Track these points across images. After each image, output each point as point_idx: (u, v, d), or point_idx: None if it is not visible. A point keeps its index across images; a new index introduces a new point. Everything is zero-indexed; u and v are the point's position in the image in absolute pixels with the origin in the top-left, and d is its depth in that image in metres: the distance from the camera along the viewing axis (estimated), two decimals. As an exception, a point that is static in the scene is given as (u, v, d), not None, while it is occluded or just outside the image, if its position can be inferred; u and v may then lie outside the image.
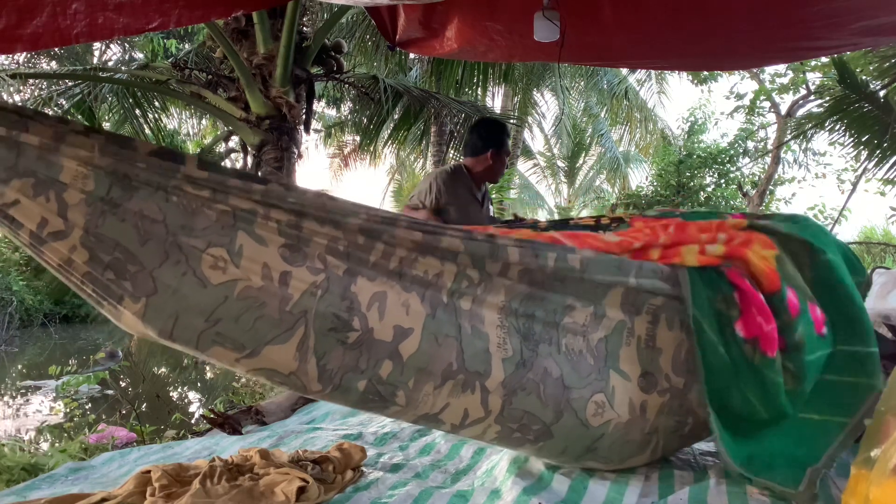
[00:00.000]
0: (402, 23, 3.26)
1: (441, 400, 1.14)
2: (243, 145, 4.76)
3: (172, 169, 1.01)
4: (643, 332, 1.27)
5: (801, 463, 1.18)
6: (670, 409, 1.29)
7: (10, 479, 2.19)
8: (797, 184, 11.85)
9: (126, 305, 1.01)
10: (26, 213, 0.97)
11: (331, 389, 1.09)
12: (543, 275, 1.18)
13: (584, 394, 1.22)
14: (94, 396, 6.33)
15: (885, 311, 2.04)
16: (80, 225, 0.98)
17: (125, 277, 1.00)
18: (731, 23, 2.56)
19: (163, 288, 1.01)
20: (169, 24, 1.84)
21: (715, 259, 1.27)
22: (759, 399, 1.24)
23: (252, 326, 1.04)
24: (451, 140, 7.77)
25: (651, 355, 1.29)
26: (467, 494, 1.28)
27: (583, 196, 17.69)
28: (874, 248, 9.70)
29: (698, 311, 1.24)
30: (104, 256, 0.99)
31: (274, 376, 1.08)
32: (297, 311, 1.05)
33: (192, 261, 1.02)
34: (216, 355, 1.06)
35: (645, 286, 1.24)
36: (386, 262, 1.10)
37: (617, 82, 11.22)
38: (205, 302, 1.02)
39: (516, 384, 1.18)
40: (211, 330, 1.03)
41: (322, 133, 14.83)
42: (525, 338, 1.19)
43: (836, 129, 6.10)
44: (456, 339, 1.13)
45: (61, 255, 1.00)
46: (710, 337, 1.24)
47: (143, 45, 9.99)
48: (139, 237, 1.00)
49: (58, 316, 14.69)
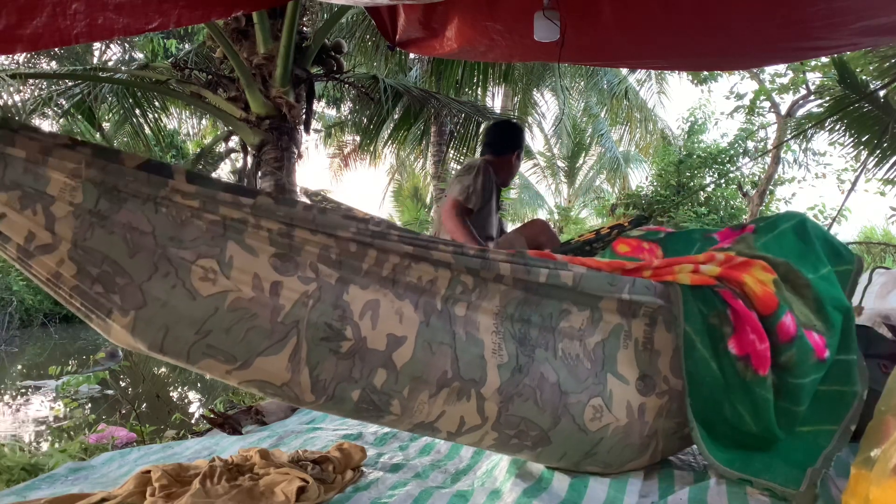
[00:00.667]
0: (402, 23, 3.26)
1: (436, 408, 1.14)
2: (243, 145, 4.76)
3: (160, 183, 1.00)
4: (640, 335, 1.27)
5: (799, 463, 1.18)
6: (669, 411, 1.29)
7: (10, 479, 2.19)
8: (797, 184, 11.87)
9: (115, 319, 1.00)
10: (13, 226, 0.96)
11: (324, 400, 1.08)
12: (537, 285, 1.18)
13: (581, 398, 1.22)
14: (94, 396, 6.33)
15: (885, 311, 2.04)
16: (68, 238, 0.97)
17: (114, 290, 0.99)
18: (731, 23, 2.56)
19: (152, 301, 0.99)
20: (169, 24, 1.84)
21: (709, 279, 1.28)
22: (751, 414, 1.25)
23: (243, 338, 1.03)
24: (451, 140, 7.77)
25: (649, 358, 1.29)
26: (467, 494, 1.28)
27: (583, 196, 17.69)
28: (874, 248, 9.70)
29: (690, 326, 1.24)
30: (92, 269, 0.98)
31: (266, 388, 1.07)
32: (288, 322, 1.04)
33: (182, 273, 1.01)
34: (207, 367, 1.04)
35: (638, 301, 1.24)
36: (379, 269, 1.10)
37: (617, 82, 11.22)
38: (195, 314, 1.01)
39: (512, 390, 1.17)
40: (202, 342, 1.02)
41: (322, 133, 14.83)
42: (521, 343, 1.18)
43: (836, 129, 6.10)
44: (450, 347, 1.12)
45: (49, 268, 0.98)
46: (701, 353, 1.24)
47: (143, 45, 9.99)
48: (128, 250, 0.99)
49: (58, 316, 14.69)
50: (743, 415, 1.25)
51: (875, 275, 2.25)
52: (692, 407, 1.25)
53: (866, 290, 2.18)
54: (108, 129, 6.57)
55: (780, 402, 1.25)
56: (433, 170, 10.06)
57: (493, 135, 3.09)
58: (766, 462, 1.24)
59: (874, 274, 2.25)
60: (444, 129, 8.57)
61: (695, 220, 10.78)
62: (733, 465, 1.22)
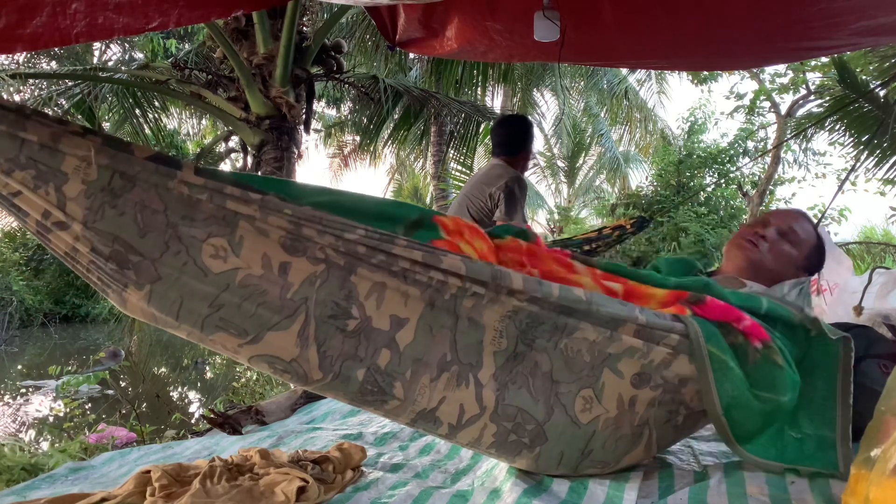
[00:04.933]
0: (402, 23, 3.26)
1: (437, 394, 1.14)
2: (243, 145, 4.76)
3: (169, 174, 1.01)
4: (659, 360, 1.23)
5: (828, 442, 1.24)
6: (661, 401, 1.28)
7: (10, 479, 2.20)
8: (797, 184, 11.86)
9: (131, 291, 1.03)
10: (29, 203, 0.99)
11: (331, 378, 1.10)
12: (549, 304, 1.17)
13: (571, 388, 1.22)
14: (94, 396, 6.34)
15: (885, 311, 2.04)
16: (79, 219, 0.99)
17: (128, 266, 1.02)
18: (732, 23, 2.57)
19: (165, 276, 1.02)
20: (169, 24, 1.84)
21: (681, 308, 1.31)
22: (770, 389, 1.25)
23: (254, 313, 1.05)
24: (451, 140, 7.77)
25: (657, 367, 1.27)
26: (467, 494, 1.28)
27: (583, 196, 17.70)
28: (874, 248, 9.70)
29: (713, 345, 1.23)
30: (104, 248, 1.01)
31: (276, 363, 1.09)
32: (297, 299, 1.06)
33: (193, 251, 1.03)
34: (220, 340, 1.07)
35: (653, 324, 1.22)
36: (388, 266, 1.10)
37: (617, 82, 11.23)
38: (207, 290, 1.04)
39: (506, 377, 1.18)
40: (215, 315, 1.05)
41: (322, 133, 14.85)
42: (523, 333, 1.18)
43: (836, 129, 6.11)
44: (450, 330, 1.14)
45: (66, 243, 1.01)
46: (719, 357, 1.24)
47: (143, 45, 10.00)
48: (138, 230, 1.01)
49: (58, 316, 14.71)
50: (765, 396, 1.25)
51: (875, 275, 2.25)
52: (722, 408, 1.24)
53: (866, 290, 2.18)
54: (108, 129, 6.58)
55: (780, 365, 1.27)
56: (433, 170, 10.07)
57: (506, 135, 3.07)
58: (798, 446, 1.27)
59: (874, 274, 2.25)
60: (444, 129, 8.56)
61: (695, 220, 10.80)
62: (767, 455, 1.26)
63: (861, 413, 1.25)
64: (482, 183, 2.99)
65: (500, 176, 2.94)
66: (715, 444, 1.55)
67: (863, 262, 8.38)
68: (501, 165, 3.02)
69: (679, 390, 1.27)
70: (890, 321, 1.97)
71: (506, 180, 2.91)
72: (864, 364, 1.50)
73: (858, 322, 2.00)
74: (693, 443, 1.57)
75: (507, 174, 2.94)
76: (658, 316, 1.25)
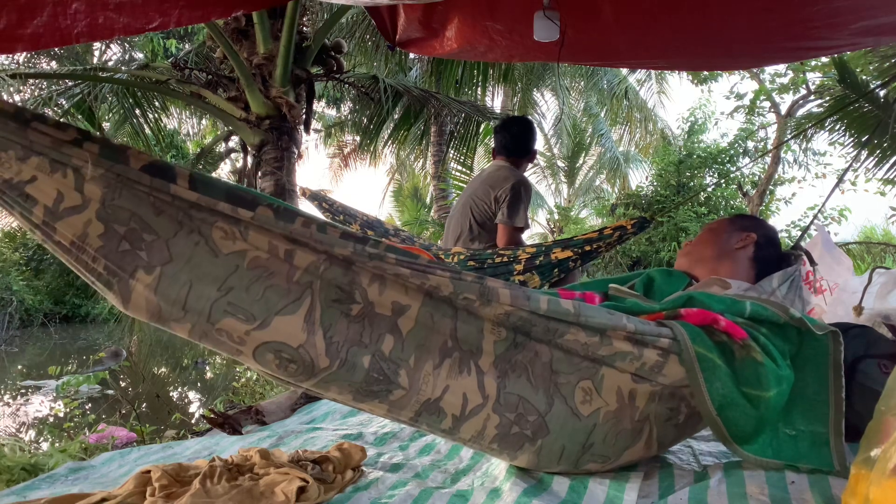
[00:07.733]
0: (402, 23, 3.27)
1: (441, 381, 1.15)
2: (243, 145, 4.76)
3: (163, 186, 1.03)
4: (651, 362, 1.24)
5: (821, 438, 1.25)
6: (661, 396, 1.28)
7: (10, 479, 2.20)
8: (797, 184, 11.84)
9: (139, 278, 1.03)
10: (42, 189, 1.00)
11: (338, 365, 1.10)
12: (538, 315, 1.18)
13: (570, 379, 1.22)
14: (94, 396, 6.34)
15: (885, 311, 2.04)
16: (97, 198, 1.01)
17: (141, 247, 1.03)
18: (732, 22, 2.57)
19: (177, 256, 1.04)
20: (169, 24, 1.84)
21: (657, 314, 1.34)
22: (755, 386, 1.25)
23: (262, 296, 1.07)
24: (451, 140, 7.77)
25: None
26: (467, 494, 1.28)
27: (583, 196, 17.69)
28: (874, 248, 9.71)
29: (700, 346, 1.25)
30: (119, 228, 1.02)
31: (284, 351, 1.09)
32: (303, 282, 1.08)
33: (204, 230, 1.05)
34: (227, 328, 1.07)
35: (642, 330, 1.24)
36: (383, 270, 1.12)
37: (617, 82, 11.24)
38: (217, 271, 1.05)
39: (507, 366, 1.19)
40: (223, 299, 1.05)
41: (322, 133, 14.86)
42: (519, 329, 1.19)
43: (836, 129, 6.11)
44: (452, 319, 1.16)
45: (76, 229, 1.02)
46: (706, 357, 1.25)
47: (143, 45, 10.01)
48: (154, 209, 1.03)
49: (58, 316, 14.72)
50: (751, 393, 1.26)
51: (875, 275, 2.24)
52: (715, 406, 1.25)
53: (866, 290, 2.18)
54: (108, 129, 6.58)
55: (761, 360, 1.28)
56: (433, 170, 10.08)
57: (511, 137, 3.07)
58: (792, 443, 1.28)
59: (874, 274, 2.25)
60: (444, 129, 8.57)
61: (695, 221, 10.79)
62: (765, 453, 1.27)
63: (861, 413, 1.25)
64: (487, 185, 2.99)
65: (507, 178, 2.94)
66: (715, 445, 1.55)
67: (863, 262, 8.40)
68: (506, 167, 3.03)
69: (678, 387, 1.27)
70: (890, 321, 1.97)
71: (512, 182, 2.92)
72: (864, 364, 1.50)
73: (858, 322, 2.00)
74: (693, 443, 1.58)
75: (513, 176, 2.95)
76: (644, 323, 1.27)
